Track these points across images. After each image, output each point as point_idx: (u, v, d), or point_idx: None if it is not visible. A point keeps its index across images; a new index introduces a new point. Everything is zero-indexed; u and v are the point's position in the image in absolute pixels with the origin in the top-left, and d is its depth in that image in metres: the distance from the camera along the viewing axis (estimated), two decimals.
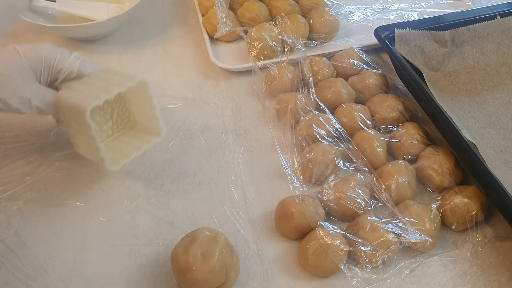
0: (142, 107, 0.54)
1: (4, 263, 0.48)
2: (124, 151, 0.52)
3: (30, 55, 0.49)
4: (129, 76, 0.50)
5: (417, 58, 0.63)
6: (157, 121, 0.53)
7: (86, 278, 0.47)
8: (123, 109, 0.55)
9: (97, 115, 0.52)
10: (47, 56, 0.50)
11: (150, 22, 0.80)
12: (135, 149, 0.52)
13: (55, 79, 0.51)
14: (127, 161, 0.51)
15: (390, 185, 0.50)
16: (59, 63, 0.50)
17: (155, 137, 0.54)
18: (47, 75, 0.50)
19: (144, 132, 0.55)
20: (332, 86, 0.61)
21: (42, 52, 0.50)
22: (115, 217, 0.52)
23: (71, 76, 0.51)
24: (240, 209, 0.53)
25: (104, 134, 0.54)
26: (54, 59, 0.50)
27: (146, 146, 0.53)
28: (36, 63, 0.49)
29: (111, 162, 0.50)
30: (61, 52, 0.51)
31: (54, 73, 0.51)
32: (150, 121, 0.53)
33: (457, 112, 0.60)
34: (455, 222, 0.49)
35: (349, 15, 0.76)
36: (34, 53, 0.49)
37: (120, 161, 0.51)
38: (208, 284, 0.42)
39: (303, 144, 0.56)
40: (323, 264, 0.45)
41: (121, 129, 0.56)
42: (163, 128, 0.53)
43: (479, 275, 0.47)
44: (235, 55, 0.72)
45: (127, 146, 0.53)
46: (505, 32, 0.66)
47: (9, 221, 0.52)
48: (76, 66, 0.51)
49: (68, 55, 0.52)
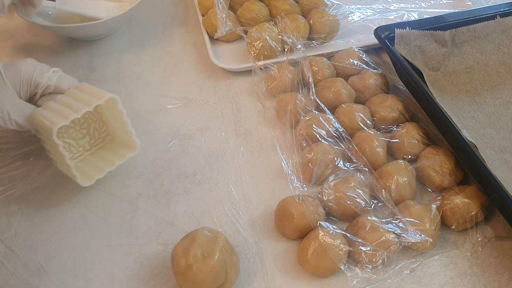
0: (117, 121, 0.54)
1: (4, 263, 0.48)
2: (100, 165, 0.53)
3: (9, 71, 0.51)
4: (100, 93, 0.51)
5: (417, 58, 0.63)
6: (131, 136, 0.53)
7: (86, 278, 0.47)
8: (100, 124, 0.55)
9: (73, 131, 0.53)
10: (25, 70, 0.52)
11: (150, 22, 0.80)
12: (109, 165, 0.53)
13: (34, 93, 0.53)
14: (100, 176, 0.52)
15: (390, 185, 0.50)
16: (37, 77, 0.52)
17: (130, 151, 0.54)
18: (26, 89, 0.52)
19: (122, 146, 0.55)
20: (332, 86, 0.61)
21: (20, 67, 0.52)
22: (115, 217, 0.52)
23: (49, 90, 0.54)
24: (240, 209, 0.53)
25: (82, 148, 0.54)
26: (32, 74, 0.52)
27: (120, 161, 0.53)
28: (15, 78, 0.51)
29: (84, 178, 0.51)
30: (40, 67, 0.53)
31: (32, 87, 0.53)
32: (126, 136, 0.54)
33: (457, 112, 0.60)
34: (455, 222, 0.49)
35: (349, 15, 0.76)
36: (13, 68, 0.52)
37: (94, 176, 0.51)
38: (208, 284, 0.42)
39: (303, 144, 0.56)
40: (323, 264, 0.45)
41: (100, 143, 0.56)
42: (136, 142, 0.53)
43: (479, 275, 0.47)
44: (235, 55, 0.72)
45: (103, 161, 0.54)
46: (505, 32, 0.66)
47: (9, 221, 0.52)
48: (53, 80, 0.53)
49: (47, 70, 0.53)
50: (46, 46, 0.75)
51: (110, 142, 0.56)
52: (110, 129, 0.56)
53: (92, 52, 0.74)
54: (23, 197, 0.54)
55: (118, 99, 0.51)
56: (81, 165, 0.53)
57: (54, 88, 0.53)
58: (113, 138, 0.57)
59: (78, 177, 0.50)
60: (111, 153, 0.55)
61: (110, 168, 0.53)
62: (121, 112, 0.52)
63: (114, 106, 0.52)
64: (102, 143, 0.56)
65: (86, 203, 0.53)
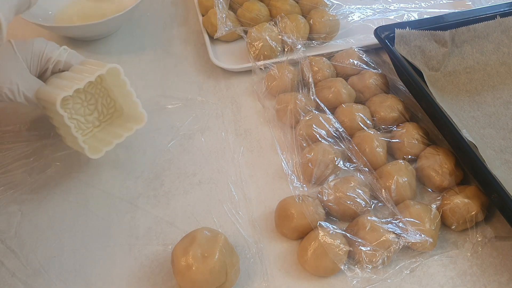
0: (122, 95, 0.55)
1: (4, 263, 0.48)
2: (108, 140, 0.54)
3: (21, 46, 0.52)
4: (102, 64, 0.51)
5: (417, 58, 0.63)
6: (137, 107, 0.53)
7: (86, 278, 0.47)
8: (107, 99, 0.56)
9: (81, 106, 0.53)
10: (37, 46, 0.53)
11: (150, 22, 0.80)
12: (117, 137, 0.53)
13: (45, 69, 0.54)
14: (109, 148, 0.52)
15: (390, 185, 0.50)
16: (47, 53, 0.53)
17: (137, 124, 0.54)
18: (37, 64, 0.53)
19: (131, 120, 0.55)
20: (332, 86, 0.61)
21: (32, 43, 0.53)
22: (115, 217, 0.52)
23: (59, 66, 0.54)
24: (240, 209, 0.53)
25: (91, 125, 0.55)
26: (44, 49, 0.53)
27: (128, 133, 0.53)
28: (26, 53, 0.52)
29: (93, 151, 0.51)
30: (51, 43, 0.54)
31: (43, 63, 0.53)
32: (132, 108, 0.54)
33: (457, 112, 0.60)
34: (455, 222, 0.49)
35: (349, 15, 0.76)
36: (25, 44, 0.52)
37: (102, 149, 0.52)
38: (208, 284, 0.42)
39: (303, 144, 0.56)
40: (323, 264, 0.45)
41: (108, 119, 0.56)
42: (143, 113, 0.53)
43: (479, 275, 0.47)
44: (235, 55, 0.72)
45: (112, 135, 0.54)
46: (505, 32, 0.66)
47: (9, 221, 0.52)
48: (63, 56, 0.54)
49: (57, 47, 0.54)
50: None
51: (118, 118, 0.57)
52: (118, 104, 0.56)
53: (92, 52, 0.74)
54: (23, 197, 0.54)
55: (119, 68, 0.51)
56: (90, 141, 0.54)
57: (64, 64, 0.54)
58: (121, 114, 0.57)
59: (86, 149, 0.50)
60: (120, 128, 0.55)
61: (119, 140, 0.53)
62: (124, 82, 0.52)
63: (118, 77, 0.52)
64: (111, 119, 0.56)
65: (86, 203, 0.53)
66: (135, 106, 0.54)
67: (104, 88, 0.55)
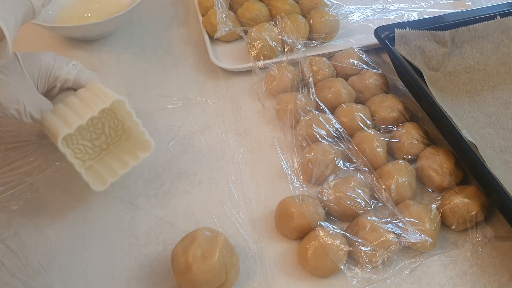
0: (130, 120, 0.53)
1: (4, 263, 0.48)
2: (115, 167, 0.52)
3: (29, 62, 0.50)
4: (106, 95, 0.49)
5: (417, 58, 0.63)
6: (143, 135, 0.51)
7: (86, 278, 0.47)
8: (115, 122, 0.53)
9: (87, 132, 0.51)
10: (45, 63, 0.51)
11: (150, 22, 0.80)
12: (123, 167, 0.52)
13: (53, 86, 0.52)
14: (114, 180, 0.51)
15: (390, 185, 0.50)
16: (56, 70, 0.51)
17: (145, 151, 0.52)
18: (44, 82, 0.51)
19: (138, 145, 0.53)
20: (332, 86, 0.61)
21: (40, 59, 0.51)
22: (115, 217, 0.52)
23: (68, 84, 0.53)
24: (240, 209, 0.53)
25: (98, 148, 0.53)
26: (52, 67, 0.51)
27: (134, 162, 0.52)
28: (34, 69, 0.50)
29: (97, 182, 0.50)
30: (59, 60, 0.52)
31: (51, 80, 0.52)
32: (139, 134, 0.52)
33: (457, 112, 0.60)
34: (455, 222, 0.49)
35: (349, 15, 0.76)
36: (33, 59, 0.50)
37: (108, 180, 0.51)
38: (208, 284, 0.42)
39: (303, 144, 0.56)
40: (323, 264, 0.45)
41: (117, 141, 0.54)
42: (150, 141, 0.52)
43: (479, 275, 0.47)
44: (235, 55, 0.72)
45: (119, 162, 0.53)
46: (505, 32, 0.66)
47: (9, 221, 0.52)
48: (73, 74, 0.52)
49: (66, 63, 0.52)
50: (46, 46, 0.75)
51: (127, 139, 0.55)
52: (126, 126, 0.54)
53: (92, 52, 0.74)
54: (23, 197, 0.54)
55: (125, 100, 0.50)
56: (97, 167, 0.52)
57: (73, 82, 0.52)
58: (129, 135, 0.55)
59: (90, 183, 0.49)
60: (127, 153, 0.53)
61: (124, 170, 0.51)
62: (129, 113, 0.51)
63: (123, 107, 0.51)
64: (119, 141, 0.55)
65: (86, 203, 0.53)
66: (141, 134, 0.52)
67: (112, 111, 0.52)
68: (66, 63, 0.52)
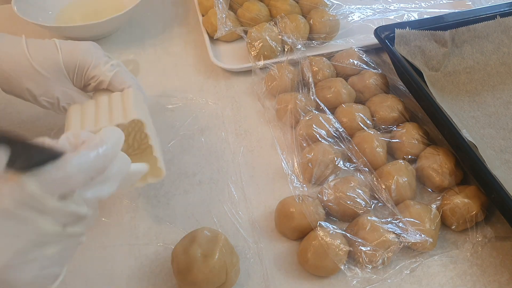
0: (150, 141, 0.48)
1: None
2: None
3: (67, 57, 0.49)
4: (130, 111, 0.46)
5: (417, 58, 0.63)
6: (156, 161, 0.47)
7: (86, 278, 0.47)
8: (142, 135, 0.51)
9: None
10: (82, 60, 0.49)
11: (150, 22, 0.80)
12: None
13: (88, 84, 0.51)
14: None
15: (390, 185, 0.50)
16: (92, 70, 0.50)
17: (153, 177, 0.48)
18: (80, 79, 0.50)
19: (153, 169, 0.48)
20: (332, 86, 0.61)
21: (78, 56, 0.49)
22: (115, 217, 0.52)
23: (103, 86, 0.50)
24: (240, 209, 0.53)
25: None
26: (89, 65, 0.50)
27: (139, 184, 0.48)
28: (70, 65, 0.49)
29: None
30: (97, 57, 0.50)
31: (86, 79, 0.51)
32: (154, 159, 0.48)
33: (457, 112, 0.60)
34: (455, 222, 0.49)
35: (349, 15, 0.76)
36: (71, 54, 0.49)
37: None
38: (208, 284, 0.42)
39: (303, 144, 0.56)
40: (323, 264, 0.45)
41: (138, 153, 0.52)
42: (161, 169, 0.47)
43: (479, 275, 0.47)
44: (235, 55, 0.72)
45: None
46: (505, 32, 0.66)
47: None
48: (108, 76, 0.49)
49: (105, 62, 0.50)
50: None
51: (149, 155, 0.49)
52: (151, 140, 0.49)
53: None
54: None
55: (144, 122, 0.45)
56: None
57: (108, 84, 0.50)
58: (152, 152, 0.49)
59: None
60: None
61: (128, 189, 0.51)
62: (146, 135, 0.47)
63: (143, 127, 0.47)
64: (141, 155, 0.52)
65: None
66: (155, 161, 0.47)
67: (141, 122, 0.47)
68: (104, 62, 0.50)
